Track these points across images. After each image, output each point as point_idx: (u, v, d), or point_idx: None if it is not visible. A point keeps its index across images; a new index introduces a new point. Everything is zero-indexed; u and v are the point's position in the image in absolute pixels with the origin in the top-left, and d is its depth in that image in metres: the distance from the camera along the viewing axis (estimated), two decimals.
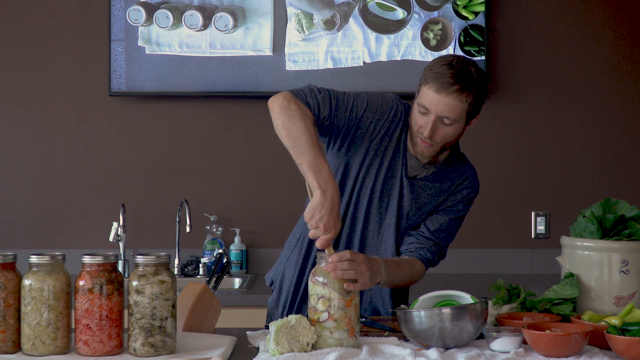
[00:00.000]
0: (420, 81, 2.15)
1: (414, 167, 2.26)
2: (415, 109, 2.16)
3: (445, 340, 1.86)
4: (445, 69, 2.09)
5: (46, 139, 3.87)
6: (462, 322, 1.85)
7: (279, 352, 1.81)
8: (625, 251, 2.07)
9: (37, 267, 1.82)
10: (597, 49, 3.86)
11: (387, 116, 2.22)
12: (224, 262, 2.23)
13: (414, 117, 2.17)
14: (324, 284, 1.87)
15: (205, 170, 3.87)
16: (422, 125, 2.14)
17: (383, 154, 2.25)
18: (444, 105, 2.09)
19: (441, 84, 2.08)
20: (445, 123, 2.12)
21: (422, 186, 2.27)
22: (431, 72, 2.11)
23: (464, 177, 2.32)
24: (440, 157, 2.29)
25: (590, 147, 3.87)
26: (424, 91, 2.12)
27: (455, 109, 2.10)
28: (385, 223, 2.29)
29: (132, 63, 3.76)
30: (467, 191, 2.33)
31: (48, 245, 3.78)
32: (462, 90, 2.08)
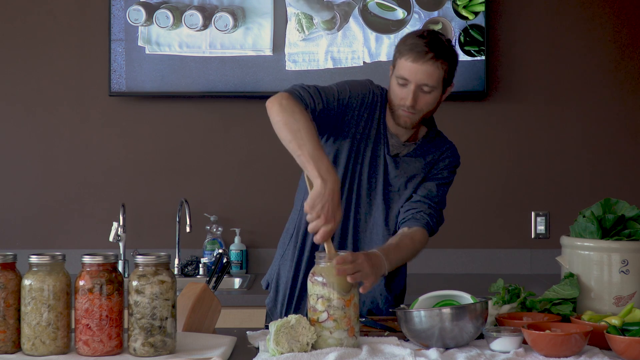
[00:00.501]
0: (395, 56, 2.25)
1: (395, 145, 2.35)
2: (394, 83, 2.25)
3: (445, 340, 1.86)
4: (418, 40, 2.20)
5: (46, 139, 3.87)
6: (462, 322, 1.85)
7: (279, 352, 1.81)
8: (625, 251, 2.07)
9: (37, 267, 1.82)
10: (597, 48, 3.86)
11: (367, 99, 2.30)
12: (224, 262, 2.23)
13: (393, 92, 2.26)
14: (323, 284, 1.87)
15: (205, 170, 3.87)
16: (403, 96, 2.23)
17: (367, 136, 2.32)
18: (422, 73, 2.19)
19: (417, 53, 2.18)
20: (425, 91, 2.22)
21: (407, 161, 2.35)
22: (405, 45, 2.21)
23: (444, 148, 2.41)
24: (419, 134, 2.39)
25: (590, 147, 3.87)
26: (400, 64, 2.22)
27: (433, 76, 2.20)
28: (375, 204, 2.34)
29: (132, 63, 3.76)
30: (448, 160, 2.41)
31: (48, 245, 3.78)
32: (436, 57, 2.19)
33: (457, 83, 3.71)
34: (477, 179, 3.86)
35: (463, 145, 3.85)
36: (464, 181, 3.87)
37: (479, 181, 3.86)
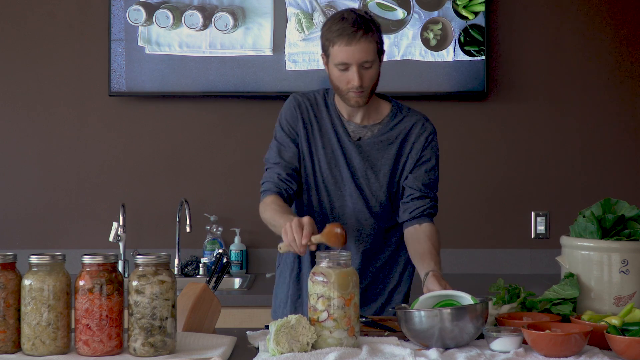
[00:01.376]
0: (325, 46, 2.32)
1: (356, 130, 2.41)
2: (334, 71, 2.31)
3: (445, 340, 1.86)
4: (342, 23, 2.26)
5: (46, 139, 3.87)
6: (462, 322, 1.85)
7: (279, 352, 1.81)
8: (625, 251, 2.07)
9: (37, 267, 1.82)
10: (597, 48, 3.86)
11: (297, 112, 2.41)
12: (224, 262, 2.23)
13: (337, 79, 2.32)
14: (324, 283, 1.87)
15: (205, 170, 3.87)
16: (349, 79, 2.29)
17: (319, 135, 2.40)
18: (360, 52, 2.26)
19: (348, 36, 2.25)
20: (366, 67, 2.29)
21: (369, 144, 2.39)
22: (332, 33, 2.28)
23: (412, 125, 2.44)
24: (382, 112, 2.43)
25: (590, 147, 3.87)
26: (335, 52, 2.28)
27: (369, 51, 2.27)
28: (346, 194, 2.40)
29: (132, 63, 3.76)
30: (424, 138, 2.45)
31: (48, 245, 3.78)
32: (366, 32, 2.26)
33: (457, 83, 3.76)
34: (477, 179, 3.86)
35: (463, 145, 3.88)
36: (464, 181, 3.88)
37: (479, 181, 3.86)
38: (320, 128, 2.41)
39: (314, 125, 2.41)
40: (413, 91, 3.77)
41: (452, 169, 3.87)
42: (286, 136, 2.42)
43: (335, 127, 2.41)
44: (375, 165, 2.40)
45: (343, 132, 2.40)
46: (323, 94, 2.46)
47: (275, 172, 2.40)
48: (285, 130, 2.42)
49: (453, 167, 3.87)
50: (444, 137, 3.85)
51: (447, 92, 3.77)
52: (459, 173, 3.87)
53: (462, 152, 3.87)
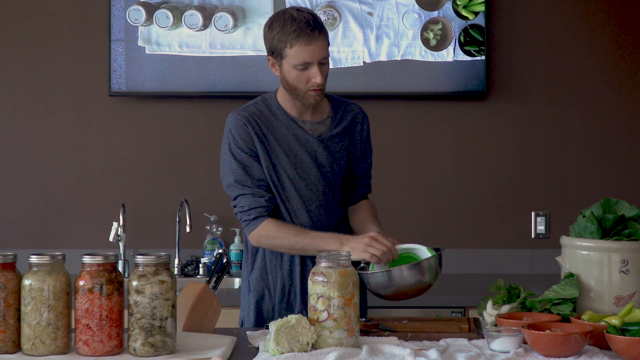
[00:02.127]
0: (278, 49, 2.33)
1: (313, 128, 2.44)
2: (291, 73, 2.33)
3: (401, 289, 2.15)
4: (296, 25, 2.29)
5: (46, 139, 3.87)
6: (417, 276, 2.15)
7: (279, 352, 1.81)
8: (625, 251, 2.07)
9: (37, 267, 1.82)
10: (597, 48, 3.86)
11: (250, 130, 2.39)
12: (224, 262, 2.23)
13: (295, 80, 2.34)
14: (324, 283, 1.87)
15: (205, 170, 3.87)
16: (310, 77, 2.32)
17: (279, 150, 2.40)
18: (319, 49, 2.30)
19: (307, 35, 2.29)
20: (323, 63, 2.34)
21: (329, 138, 2.44)
22: (287, 35, 2.30)
23: (354, 113, 2.52)
24: (324, 106, 2.48)
25: (590, 147, 3.87)
26: (293, 52, 2.30)
27: (325, 47, 2.33)
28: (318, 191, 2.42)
29: (132, 63, 3.76)
30: (366, 124, 2.54)
31: (48, 245, 3.78)
32: (320, 31, 2.31)
33: (457, 83, 3.76)
34: (477, 179, 3.86)
35: (463, 145, 3.88)
36: (464, 181, 3.87)
37: (478, 181, 3.86)
38: (275, 137, 2.40)
39: (269, 137, 2.39)
40: (413, 91, 3.77)
41: (452, 169, 3.87)
42: (246, 155, 2.37)
43: (291, 129, 2.41)
44: (336, 157, 2.45)
45: (302, 132, 2.41)
46: (262, 102, 2.45)
47: (258, 197, 2.37)
48: (244, 149, 2.37)
49: (453, 167, 3.87)
50: (444, 137, 3.87)
51: (447, 92, 3.77)
52: (459, 173, 3.86)
53: (462, 152, 3.87)
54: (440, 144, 3.85)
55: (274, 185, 2.40)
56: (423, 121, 3.86)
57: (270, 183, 2.39)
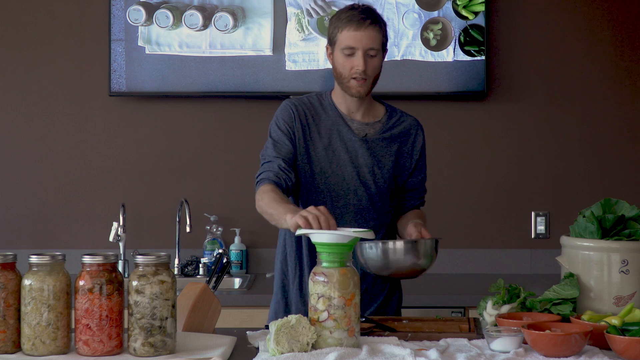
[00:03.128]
0: (333, 34, 2.38)
1: (359, 127, 2.45)
2: (340, 57, 2.37)
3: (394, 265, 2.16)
4: (351, 12, 2.36)
5: (46, 139, 3.87)
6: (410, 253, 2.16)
7: (279, 352, 1.81)
8: (625, 251, 2.07)
9: (37, 267, 1.82)
10: (596, 49, 3.86)
11: (295, 116, 2.43)
12: (224, 262, 2.23)
13: (341, 65, 2.37)
14: (324, 283, 1.87)
15: (205, 170, 3.87)
16: (353, 65, 2.35)
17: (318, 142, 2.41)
18: (367, 38, 2.33)
19: (357, 22, 2.33)
20: (371, 55, 2.35)
21: (374, 140, 2.44)
22: (341, 20, 2.36)
23: (409, 124, 2.52)
24: (378, 112, 2.50)
25: (590, 147, 3.87)
26: (343, 37, 2.35)
27: (376, 39, 2.35)
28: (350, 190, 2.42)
29: (132, 63, 3.76)
30: (421, 137, 2.53)
31: (48, 245, 3.78)
32: (373, 22, 2.35)
33: (457, 83, 3.76)
34: (477, 179, 3.86)
35: (463, 145, 3.88)
36: (464, 181, 3.87)
37: (479, 181, 3.86)
38: (319, 130, 2.43)
39: (312, 128, 2.43)
40: (413, 91, 3.77)
41: (452, 169, 3.87)
42: (283, 134, 2.42)
43: (337, 125, 2.43)
44: (380, 161, 2.43)
45: (347, 129, 2.43)
46: (317, 96, 2.49)
47: (275, 164, 2.38)
48: (282, 128, 2.42)
49: (453, 167, 3.87)
50: (444, 137, 3.87)
51: (447, 92, 3.77)
52: (459, 173, 3.87)
53: (462, 152, 3.87)
54: (440, 144, 3.85)
55: (304, 175, 2.41)
56: (423, 121, 3.84)
57: (300, 171, 2.41)
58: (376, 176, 2.43)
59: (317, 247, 1.92)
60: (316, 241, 1.92)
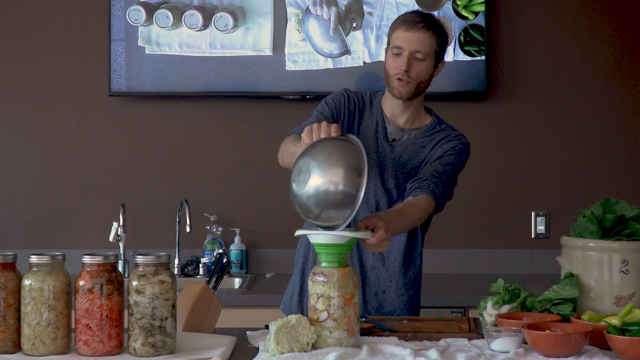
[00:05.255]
0: (389, 34, 2.41)
1: (393, 132, 2.45)
2: (389, 55, 2.39)
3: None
4: (409, 15, 2.40)
5: (46, 139, 3.87)
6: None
7: (279, 352, 1.81)
8: (625, 251, 2.07)
9: (37, 267, 1.82)
10: (596, 48, 3.86)
11: (345, 102, 2.46)
12: (224, 262, 2.23)
13: (388, 64, 2.39)
14: (324, 283, 1.87)
15: (205, 170, 3.87)
16: (398, 64, 2.36)
17: (356, 135, 2.42)
18: (416, 40, 2.34)
19: (409, 23, 2.35)
20: (418, 58, 2.35)
21: (402, 145, 2.43)
22: (397, 22, 2.39)
23: (447, 133, 2.47)
24: (423, 121, 2.48)
25: (589, 147, 3.87)
26: (394, 36, 2.37)
27: (426, 44, 2.34)
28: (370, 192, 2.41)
29: (132, 63, 3.76)
30: (453, 142, 2.45)
31: (48, 245, 3.78)
32: (427, 27, 2.35)
33: (457, 83, 3.76)
34: (477, 179, 3.86)
35: None
36: (464, 181, 3.86)
37: (479, 181, 3.86)
38: (360, 124, 2.45)
39: (355, 121, 2.46)
40: None
41: None
42: (328, 110, 2.44)
43: (375, 126, 2.45)
44: (406, 165, 2.42)
45: (382, 131, 2.44)
46: (370, 95, 2.52)
47: (310, 121, 2.34)
48: (329, 105, 2.45)
49: None
50: None
51: (447, 92, 3.77)
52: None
53: None
54: None
55: None
56: None
57: None
58: (399, 181, 2.42)
59: (315, 247, 1.92)
60: (314, 242, 1.92)
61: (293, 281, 2.57)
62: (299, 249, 2.57)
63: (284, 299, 2.59)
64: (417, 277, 2.49)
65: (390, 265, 2.44)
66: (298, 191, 1.91)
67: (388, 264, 2.44)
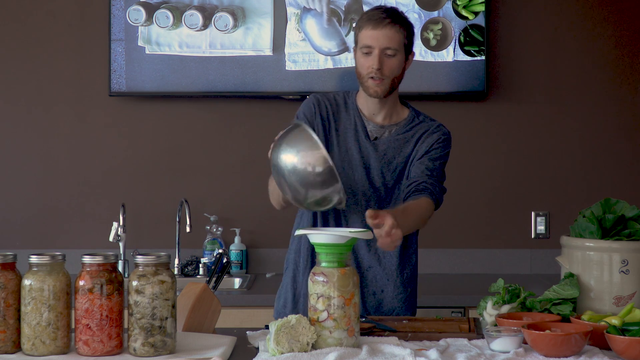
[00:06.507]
0: (355, 33, 2.40)
1: (374, 130, 2.44)
2: (359, 57, 2.37)
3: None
4: (373, 12, 2.37)
5: (46, 139, 3.87)
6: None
7: (279, 352, 1.81)
8: (625, 251, 2.07)
9: (37, 267, 1.82)
10: (596, 48, 3.86)
11: (316, 111, 2.44)
12: (224, 262, 2.23)
13: (359, 64, 2.38)
14: (324, 283, 1.87)
15: (205, 170, 3.87)
16: (369, 64, 2.34)
17: (335, 139, 2.42)
18: (384, 37, 2.32)
19: (375, 21, 2.33)
20: (389, 54, 2.34)
21: (385, 142, 2.42)
22: (362, 19, 2.38)
23: (428, 126, 2.45)
24: (400, 115, 2.47)
25: (590, 147, 3.87)
26: (362, 35, 2.35)
27: (394, 39, 2.33)
28: (359, 194, 2.40)
29: (132, 63, 3.76)
30: (436, 135, 2.44)
31: (48, 245, 3.78)
32: (394, 22, 2.33)
33: (457, 83, 3.76)
34: (477, 179, 3.86)
35: (463, 145, 3.87)
36: (464, 181, 3.87)
37: (479, 181, 3.86)
38: (337, 127, 2.44)
39: (332, 124, 2.44)
40: (413, 91, 3.76)
41: (451, 169, 3.84)
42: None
43: (354, 126, 2.44)
44: (391, 163, 2.42)
45: (362, 131, 2.43)
46: (343, 95, 2.50)
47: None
48: (300, 117, 2.44)
49: (453, 167, 3.84)
50: None
51: (447, 92, 3.77)
52: (459, 173, 3.86)
53: (461, 152, 3.86)
54: None
55: None
56: None
57: None
58: (385, 178, 2.41)
59: (315, 247, 1.92)
60: (314, 241, 1.92)
61: (284, 289, 2.53)
62: (289, 256, 2.54)
63: (276, 307, 2.56)
64: (413, 275, 2.50)
65: (387, 265, 2.43)
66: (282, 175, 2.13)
67: (384, 263, 2.43)
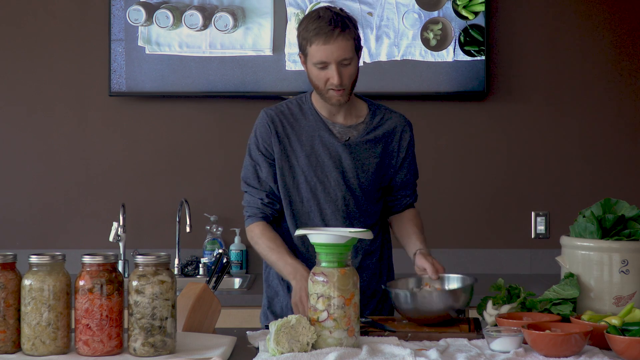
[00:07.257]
0: (302, 47, 2.32)
1: (342, 131, 2.40)
2: (313, 70, 2.31)
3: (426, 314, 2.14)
4: (319, 22, 2.27)
5: (46, 139, 3.87)
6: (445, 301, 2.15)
7: (279, 352, 1.81)
8: (625, 251, 2.07)
9: (37, 267, 1.82)
10: (596, 48, 3.86)
11: (272, 130, 2.40)
12: (224, 262, 2.23)
13: (316, 78, 2.32)
14: (324, 283, 1.87)
15: (205, 170, 3.87)
16: (328, 77, 2.29)
17: (300, 151, 2.38)
18: (338, 50, 2.26)
19: (326, 34, 2.25)
20: (345, 64, 2.29)
21: (357, 143, 2.39)
22: (309, 32, 2.28)
23: (395, 122, 2.46)
24: (360, 110, 2.44)
25: (589, 147, 3.87)
26: (313, 51, 2.28)
27: (347, 48, 2.27)
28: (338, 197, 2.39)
29: (132, 63, 3.76)
30: (407, 134, 2.47)
31: (48, 245, 3.78)
32: (343, 30, 2.26)
33: (457, 83, 3.76)
34: (477, 179, 3.86)
35: (463, 146, 3.88)
36: (464, 181, 3.88)
37: (478, 181, 3.86)
38: (299, 138, 2.39)
39: (291, 137, 2.39)
40: (413, 91, 3.77)
41: (452, 169, 3.87)
42: (261, 155, 2.40)
43: (318, 131, 2.39)
44: (364, 164, 2.40)
45: (329, 134, 2.38)
46: (297, 101, 2.44)
47: (257, 198, 2.42)
48: (260, 148, 2.40)
49: (453, 167, 3.87)
50: (444, 137, 3.87)
51: (447, 92, 3.77)
52: (459, 173, 3.87)
53: (462, 152, 3.87)
54: (440, 144, 3.85)
55: (287, 187, 2.39)
56: (423, 121, 3.85)
57: (283, 184, 2.39)
58: (360, 179, 2.39)
59: (315, 247, 1.92)
60: (314, 241, 1.92)
61: (263, 297, 2.58)
62: (265, 265, 2.57)
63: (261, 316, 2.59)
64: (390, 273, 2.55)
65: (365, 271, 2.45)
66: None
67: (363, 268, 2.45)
